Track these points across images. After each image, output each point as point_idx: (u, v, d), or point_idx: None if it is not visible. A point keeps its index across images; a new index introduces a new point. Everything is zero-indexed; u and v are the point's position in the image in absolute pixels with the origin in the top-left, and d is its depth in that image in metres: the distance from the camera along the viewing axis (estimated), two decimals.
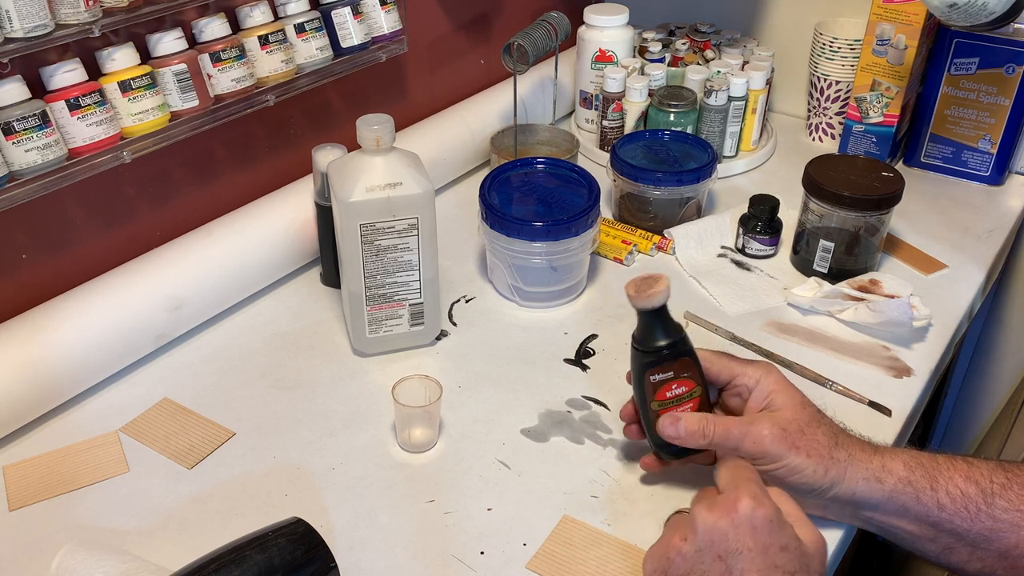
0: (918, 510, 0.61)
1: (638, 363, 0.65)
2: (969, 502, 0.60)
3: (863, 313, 0.86)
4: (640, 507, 0.69)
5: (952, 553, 0.62)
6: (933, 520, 0.61)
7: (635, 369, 0.66)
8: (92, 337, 0.77)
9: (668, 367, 0.64)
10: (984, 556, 0.61)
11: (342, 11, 0.93)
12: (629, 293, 0.64)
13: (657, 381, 0.65)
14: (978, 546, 0.60)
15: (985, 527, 0.60)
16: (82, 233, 0.83)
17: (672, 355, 0.64)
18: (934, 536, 0.61)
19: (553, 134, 1.16)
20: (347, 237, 0.77)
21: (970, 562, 0.61)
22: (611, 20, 1.18)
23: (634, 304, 0.64)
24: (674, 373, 0.65)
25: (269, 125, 0.97)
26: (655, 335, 0.64)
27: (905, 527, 0.62)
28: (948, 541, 0.61)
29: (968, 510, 0.60)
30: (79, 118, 0.74)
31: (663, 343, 0.64)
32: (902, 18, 1.05)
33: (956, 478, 0.61)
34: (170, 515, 0.68)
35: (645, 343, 0.65)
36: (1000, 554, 0.60)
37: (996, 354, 1.25)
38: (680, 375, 0.65)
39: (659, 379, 0.65)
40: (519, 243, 0.87)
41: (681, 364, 0.65)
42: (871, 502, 0.62)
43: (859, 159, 0.96)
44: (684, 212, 1.02)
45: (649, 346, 0.64)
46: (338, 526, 0.67)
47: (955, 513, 0.60)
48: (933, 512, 0.61)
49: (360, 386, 0.81)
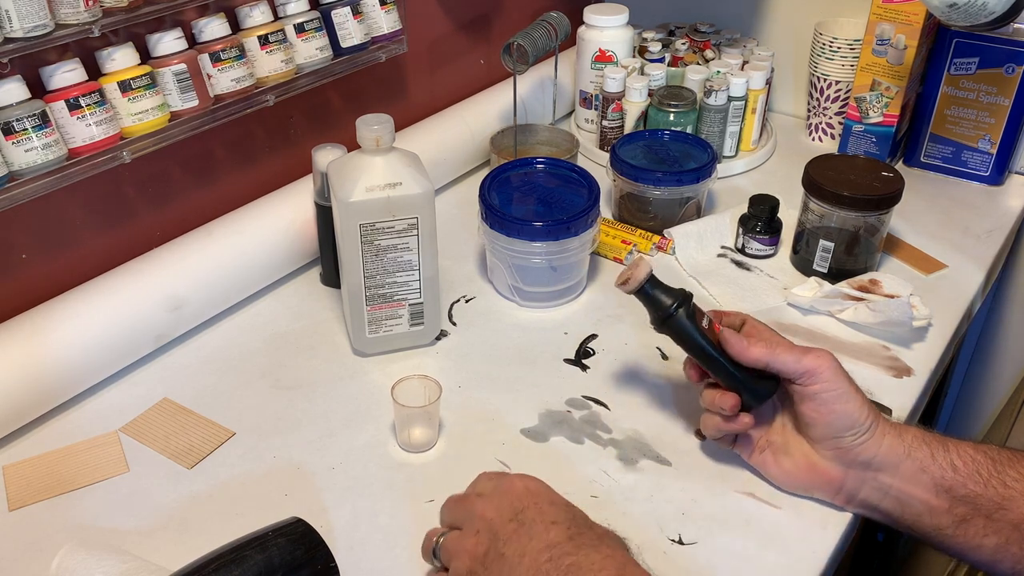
0: (934, 470, 0.62)
1: (680, 328, 0.67)
2: (980, 467, 0.62)
3: (863, 313, 0.86)
4: (640, 507, 0.69)
5: (968, 526, 0.62)
6: (948, 483, 0.62)
7: (684, 336, 0.67)
8: (92, 337, 0.77)
9: (698, 312, 0.67)
10: (999, 528, 0.61)
11: (342, 11, 0.93)
12: (619, 286, 0.68)
13: (707, 324, 0.67)
14: (992, 516, 0.61)
15: (997, 494, 0.61)
16: (82, 233, 0.83)
17: (689, 300, 0.67)
18: (949, 506, 0.62)
19: (553, 134, 1.16)
20: (347, 237, 0.77)
21: (986, 536, 0.61)
22: (611, 20, 1.18)
23: (628, 291, 0.67)
24: (706, 312, 0.68)
25: (269, 125, 0.97)
26: (662, 302, 0.67)
27: (920, 496, 0.63)
28: (963, 511, 0.62)
29: (980, 475, 0.62)
30: (79, 118, 0.74)
31: (673, 300, 0.67)
32: (902, 18, 1.05)
33: (965, 447, 0.64)
34: (170, 515, 0.68)
35: (661, 313, 0.67)
36: (1014, 525, 0.60)
37: (996, 354, 1.25)
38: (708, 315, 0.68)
39: (706, 322, 0.67)
40: (519, 243, 0.87)
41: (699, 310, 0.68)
42: (892, 460, 0.63)
43: (859, 159, 0.96)
44: (684, 212, 1.02)
45: (666, 312, 0.67)
46: (338, 526, 0.67)
47: (968, 476, 0.62)
48: (948, 474, 0.62)
49: (360, 386, 0.81)
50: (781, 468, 0.68)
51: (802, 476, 0.67)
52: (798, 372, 0.64)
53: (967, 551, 0.63)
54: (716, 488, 0.70)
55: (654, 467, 0.72)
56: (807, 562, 0.64)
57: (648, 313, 0.68)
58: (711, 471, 0.72)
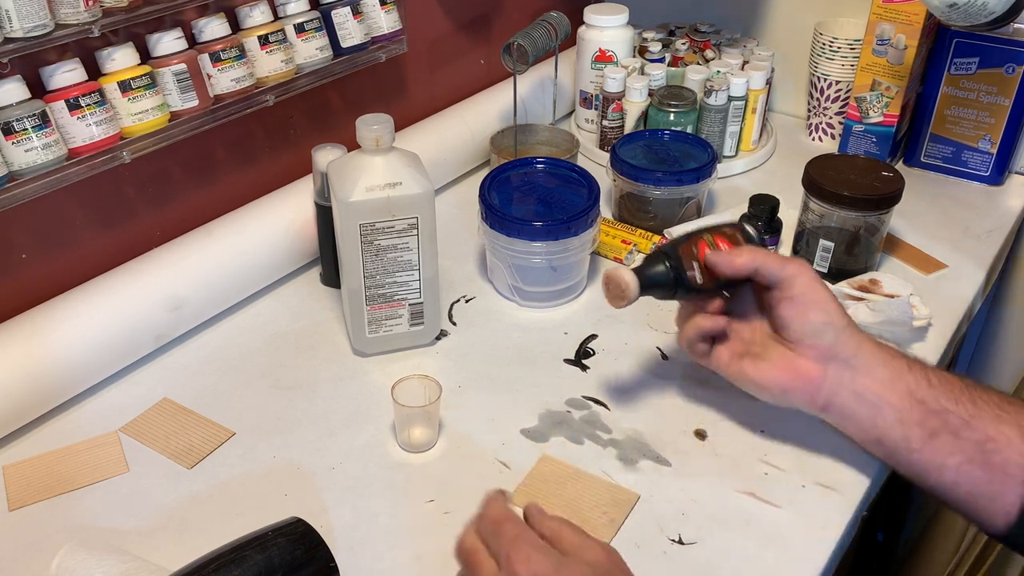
0: (909, 380, 0.65)
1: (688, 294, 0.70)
2: (953, 386, 0.64)
3: (863, 313, 0.86)
4: (640, 507, 0.69)
5: (935, 442, 0.63)
6: (922, 394, 0.64)
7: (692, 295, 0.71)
8: (92, 337, 0.77)
9: (684, 256, 0.70)
10: (964, 446, 0.62)
11: (342, 11, 0.93)
12: (617, 305, 0.70)
13: (696, 268, 0.70)
14: (959, 434, 0.62)
15: (967, 411, 0.63)
16: (82, 233, 0.83)
17: (673, 256, 0.70)
18: (921, 417, 0.64)
19: (553, 134, 1.16)
20: (347, 237, 0.77)
21: (951, 454, 0.63)
22: (611, 20, 1.18)
23: (628, 305, 0.70)
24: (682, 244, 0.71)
25: (269, 125, 0.97)
26: (664, 287, 0.69)
27: (895, 402, 0.64)
28: (933, 424, 0.63)
29: (952, 392, 0.64)
30: (79, 118, 0.74)
31: (667, 276, 0.69)
32: (902, 18, 1.05)
33: (941, 370, 0.66)
34: (170, 515, 0.68)
35: (669, 293, 0.70)
36: (977, 444, 0.62)
37: (996, 354, 1.25)
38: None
39: (696, 268, 0.70)
40: (519, 243, 0.87)
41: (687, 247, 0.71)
42: (870, 363, 0.65)
43: (859, 159, 0.96)
44: (684, 212, 1.02)
45: (672, 290, 0.70)
46: (338, 526, 0.67)
47: (941, 392, 0.64)
48: (923, 386, 0.64)
49: (360, 386, 0.81)
50: (759, 371, 0.69)
51: (781, 377, 0.68)
52: (782, 277, 0.67)
53: (930, 470, 0.64)
54: (716, 488, 0.70)
55: (654, 467, 0.72)
56: (807, 562, 0.64)
57: (652, 291, 0.70)
58: (711, 471, 0.72)
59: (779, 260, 0.68)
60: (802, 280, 0.67)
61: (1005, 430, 0.62)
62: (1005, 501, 0.61)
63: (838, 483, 0.70)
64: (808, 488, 0.70)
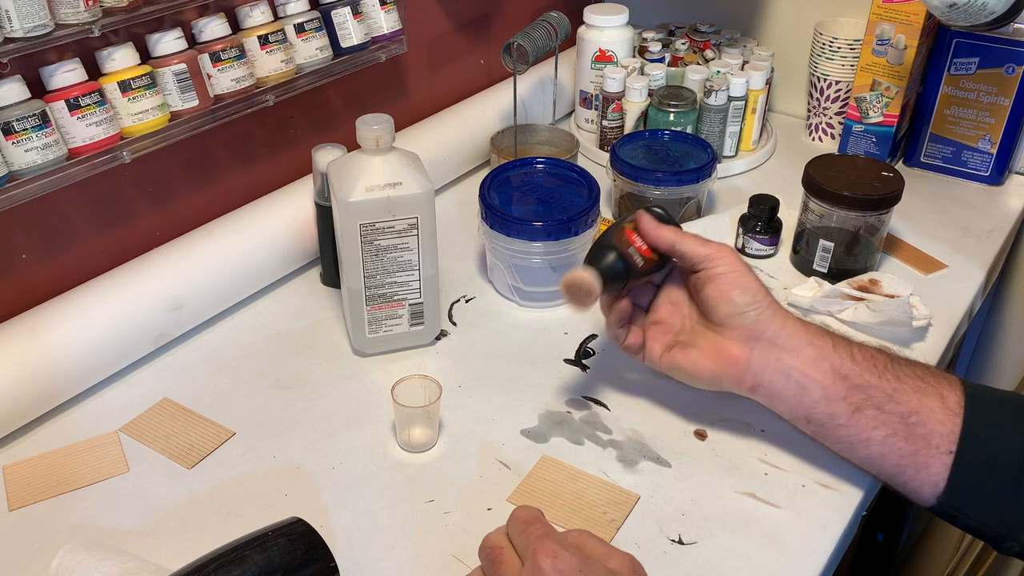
0: (833, 358, 0.66)
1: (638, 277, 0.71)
2: (877, 360, 0.66)
3: (863, 313, 0.86)
4: (640, 508, 0.69)
5: (860, 416, 0.64)
6: (846, 371, 0.65)
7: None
8: (92, 337, 0.77)
9: (617, 236, 0.71)
10: (888, 419, 0.63)
11: (342, 11, 0.93)
12: (580, 309, 0.70)
13: (633, 248, 0.70)
14: (883, 408, 0.64)
15: (890, 385, 0.64)
16: (82, 233, 0.83)
17: (612, 249, 0.71)
18: (845, 393, 0.65)
19: (553, 134, 1.16)
20: (347, 237, 0.77)
21: (876, 428, 0.64)
22: (611, 20, 1.18)
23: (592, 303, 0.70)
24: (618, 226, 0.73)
25: (269, 125, 0.97)
26: (616, 277, 0.70)
27: (820, 380, 0.65)
28: (857, 399, 0.64)
29: (876, 367, 0.65)
30: (79, 118, 0.74)
31: (615, 268, 0.70)
32: (902, 18, 1.05)
33: (867, 345, 0.67)
34: (170, 515, 0.68)
35: (624, 282, 0.71)
36: (901, 416, 0.63)
37: (996, 354, 1.25)
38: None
39: (633, 249, 0.70)
40: (519, 243, 0.87)
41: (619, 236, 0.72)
42: (795, 343, 0.67)
43: (859, 159, 0.96)
44: (684, 212, 1.02)
45: (624, 280, 0.70)
46: (338, 526, 0.67)
47: (864, 368, 0.65)
48: (847, 363, 0.65)
49: (360, 386, 0.81)
50: (689, 359, 0.70)
51: (710, 363, 0.69)
52: (702, 255, 0.68)
53: (857, 444, 0.65)
54: (716, 488, 0.70)
55: (654, 468, 0.72)
56: (807, 562, 0.64)
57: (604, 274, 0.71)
58: (711, 471, 0.72)
59: (700, 240, 0.69)
60: (724, 260, 0.68)
61: (927, 401, 0.63)
62: (931, 472, 0.62)
63: (838, 483, 0.70)
64: (808, 488, 0.70)
